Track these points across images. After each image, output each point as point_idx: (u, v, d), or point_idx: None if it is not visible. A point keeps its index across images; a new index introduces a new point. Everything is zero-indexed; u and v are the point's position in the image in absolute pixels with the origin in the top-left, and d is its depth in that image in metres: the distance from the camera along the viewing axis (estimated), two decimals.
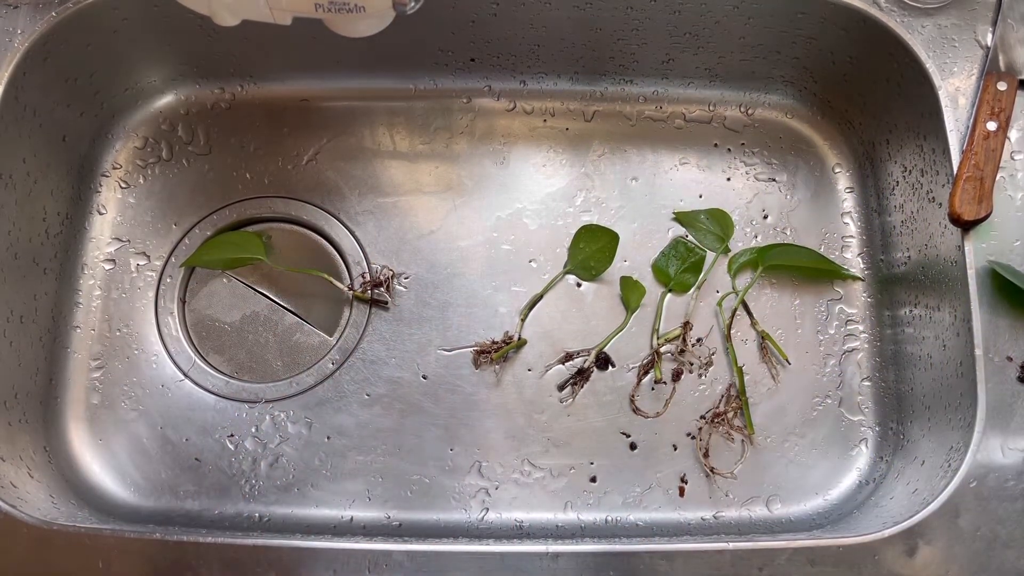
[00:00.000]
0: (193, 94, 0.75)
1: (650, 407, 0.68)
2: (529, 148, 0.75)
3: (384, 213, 0.73)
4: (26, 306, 0.64)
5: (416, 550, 0.54)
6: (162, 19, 0.67)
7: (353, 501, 0.65)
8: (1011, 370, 0.58)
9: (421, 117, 0.76)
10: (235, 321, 0.70)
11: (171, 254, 0.71)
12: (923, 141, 0.64)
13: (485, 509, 0.66)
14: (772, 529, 0.65)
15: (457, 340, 0.70)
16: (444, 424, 0.67)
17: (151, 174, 0.73)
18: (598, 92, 0.76)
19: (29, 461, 0.61)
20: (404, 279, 0.71)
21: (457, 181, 0.74)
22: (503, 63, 0.74)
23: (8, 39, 0.62)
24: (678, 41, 0.71)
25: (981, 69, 0.63)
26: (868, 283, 0.72)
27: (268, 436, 0.67)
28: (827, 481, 0.66)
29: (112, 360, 0.69)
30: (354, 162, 0.74)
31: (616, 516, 0.66)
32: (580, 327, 0.70)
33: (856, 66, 0.69)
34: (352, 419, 0.67)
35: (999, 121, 0.60)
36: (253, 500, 0.65)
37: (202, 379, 0.68)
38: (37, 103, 0.64)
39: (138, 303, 0.70)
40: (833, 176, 0.75)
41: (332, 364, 0.69)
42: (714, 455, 0.67)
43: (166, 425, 0.67)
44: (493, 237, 0.72)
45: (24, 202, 0.64)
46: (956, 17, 0.65)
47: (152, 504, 0.65)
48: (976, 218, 0.59)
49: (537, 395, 0.68)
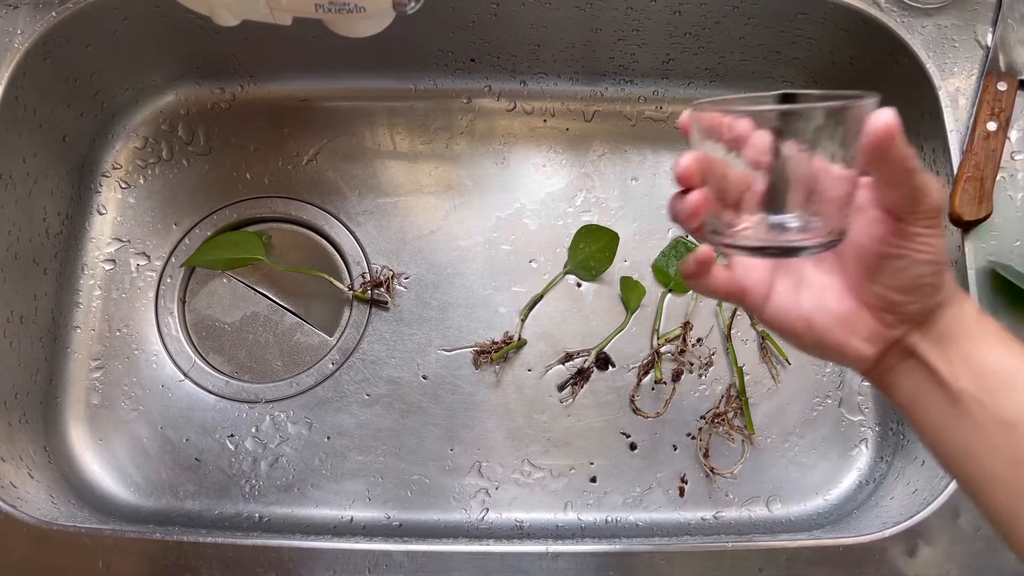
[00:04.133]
0: (193, 94, 0.75)
1: (650, 407, 0.68)
2: (529, 148, 0.75)
3: (384, 213, 0.73)
4: (26, 306, 0.64)
5: (416, 550, 0.54)
6: (162, 19, 0.67)
7: (353, 501, 0.65)
8: None
9: (421, 117, 0.76)
10: (235, 321, 0.70)
11: (171, 254, 0.71)
12: (923, 141, 0.64)
13: (485, 509, 0.66)
14: (772, 529, 0.65)
15: (457, 340, 0.70)
16: (444, 424, 0.67)
17: (151, 174, 0.73)
18: (598, 92, 0.76)
19: (29, 461, 0.61)
20: (404, 279, 0.71)
21: (457, 181, 0.74)
22: (503, 63, 0.74)
23: (8, 39, 0.62)
24: (678, 41, 0.71)
25: (981, 69, 0.63)
26: None
27: (268, 436, 0.67)
28: (827, 481, 0.66)
29: (112, 360, 0.69)
30: (354, 162, 0.74)
31: (616, 516, 0.66)
32: (580, 327, 0.70)
33: (856, 66, 0.69)
34: (352, 419, 0.67)
35: (999, 121, 0.60)
36: (253, 500, 0.65)
37: (202, 379, 0.68)
38: (37, 103, 0.64)
39: (138, 303, 0.70)
40: None
41: (332, 364, 0.69)
42: (714, 455, 0.67)
43: (166, 425, 0.67)
44: (493, 237, 0.72)
45: (24, 202, 0.64)
46: (956, 17, 0.65)
47: (152, 504, 0.65)
48: (976, 218, 0.59)
49: (537, 395, 0.68)
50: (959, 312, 0.35)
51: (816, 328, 0.36)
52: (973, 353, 0.34)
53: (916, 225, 0.33)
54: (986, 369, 0.34)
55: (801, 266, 0.38)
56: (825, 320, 0.36)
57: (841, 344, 0.36)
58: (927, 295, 0.34)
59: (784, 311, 0.37)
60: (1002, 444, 0.33)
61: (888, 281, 0.34)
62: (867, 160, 0.32)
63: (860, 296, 0.36)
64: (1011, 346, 0.35)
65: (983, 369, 0.34)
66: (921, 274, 0.34)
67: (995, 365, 0.34)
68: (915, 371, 0.36)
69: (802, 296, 0.37)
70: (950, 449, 0.35)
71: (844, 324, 0.36)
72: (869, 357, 0.36)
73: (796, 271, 0.38)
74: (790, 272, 0.38)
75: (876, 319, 0.36)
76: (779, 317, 0.37)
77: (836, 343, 0.36)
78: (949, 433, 0.35)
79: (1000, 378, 0.33)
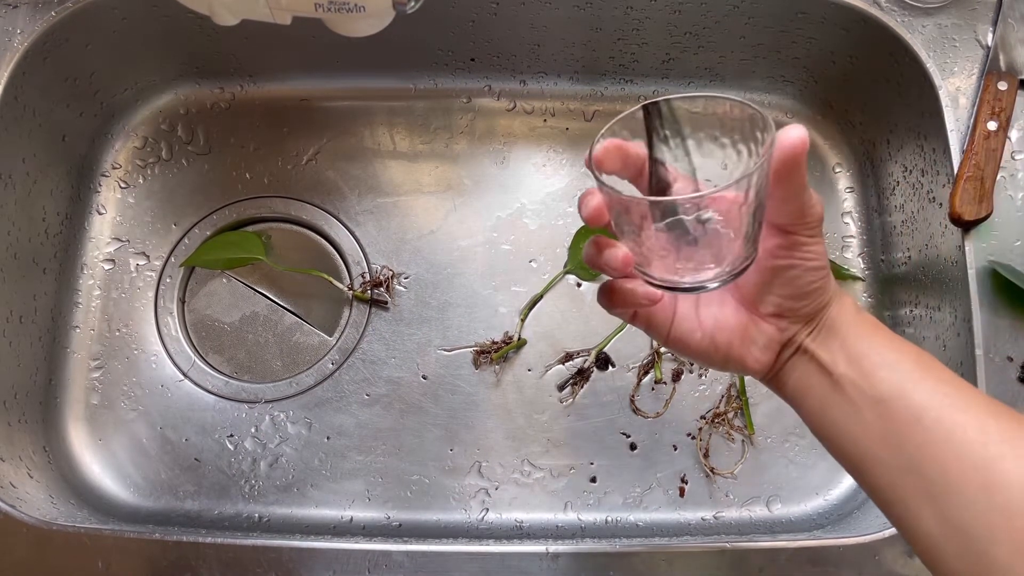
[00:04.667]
0: (193, 94, 0.75)
1: (650, 407, 0.68)
2: (529, 148, 0.75)
3: (384, 213, 0.73)
4: (26, 306, 0.64)
5: (416, 550, 0.54)
6: (162, 19, 0.67)
7: (353, 501, 0.65)
8: (1011, 370, 0.57)
9: (421, 117, 0.75)
10: (235, 321, 0.70)
11: (171, 254, 0.71)
12: (923, 141, 0.64)
13: (485, 509, 0.66)
14: (772, 529, 0.65)
15: (457, 340, 0.69)
16: (444, 424, 0.67)
17: (151, 174, 0.73)
18: (598, 92, 0.76)
19: (29, 461, 0.61)
20: (404, 279, 0.71)
21: (457, 181, 0.74)
22: (503, 63, 0.74)
23: (8, 39, 0.62)
24: (678, 41, 0.71)
25: (981, 69, 0.63)
26: (868, 283, 0.72)
27: (268, 436, 0.67)
28: (827, 481, 0.66)
29: (112, 360, 0.69)
30: (354, 162, 0.74)
31: (616, 516, 0.66)
32: (580, 327, 0.70)
33: (856, 66, 0.69)
34: (352, 419, 0.67)
35: (999, 121, 0.60)
36: (253, 500, 0.65)
37: (202, 379, 0.68)
38: (37, 103, 0.64)
39: (138, 303, 0.70)
40: (833, 176, 0.75)
41: (332, 364, 0.69)
42: (714, 455, 0.67)
43: (166, 425, 0.67)
44: (493, 237, 0.72)
45: (24, 202, 0.64)
46: (956, 17, 0.65)
47: (152, 504, 0.65)
48: (976, 218, 0.58)
49: (537, 395, 0.68)
50: (840, 308, 0.38)
51: (719, 344, 0.39)
52: (851, 342, 0.37)
53: (803, 235, 0.36)
54: (861, 355, 0.37)
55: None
56: (726, 335, 0.39)
57: (743, 356, 0.39)
58: (816, 297, 0.37)
59: (689, 333, 0.39)
60: (874, 421, 0.36)
61: (782, 290, 0.37)
62: (777, 177, 0.33)
63: (755, 307, 0.39)
64: (885, 335, 0.38)
65: (859, 355, 0.37)
66: (811, 280, 0.37)
67: (869, 351, 0.37)
68: (801, 363, 0.39)
69: (702, 315, 0.39)
70: (832, 432, 0.38)
71: (744, 336, 0.39)
72: (768, 363, 0.39)
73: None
74: (689, 295, 0.40)
75: (772, 326, 0.38)
76: (684, 339, 0.39)
77: (738, 356, 0.39)
78: (831, 415, 0.38)
79: (872, 361, 0.36)
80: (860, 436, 0.36)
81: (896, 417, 0.35)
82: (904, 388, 0.35)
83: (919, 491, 0.34)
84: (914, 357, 0.37)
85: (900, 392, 0.35)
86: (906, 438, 0.34)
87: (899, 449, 0.35)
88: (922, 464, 0.34)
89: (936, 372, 0.36)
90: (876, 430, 0.36)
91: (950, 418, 0.34)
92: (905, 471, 0.34)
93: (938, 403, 0.34)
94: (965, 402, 0.35)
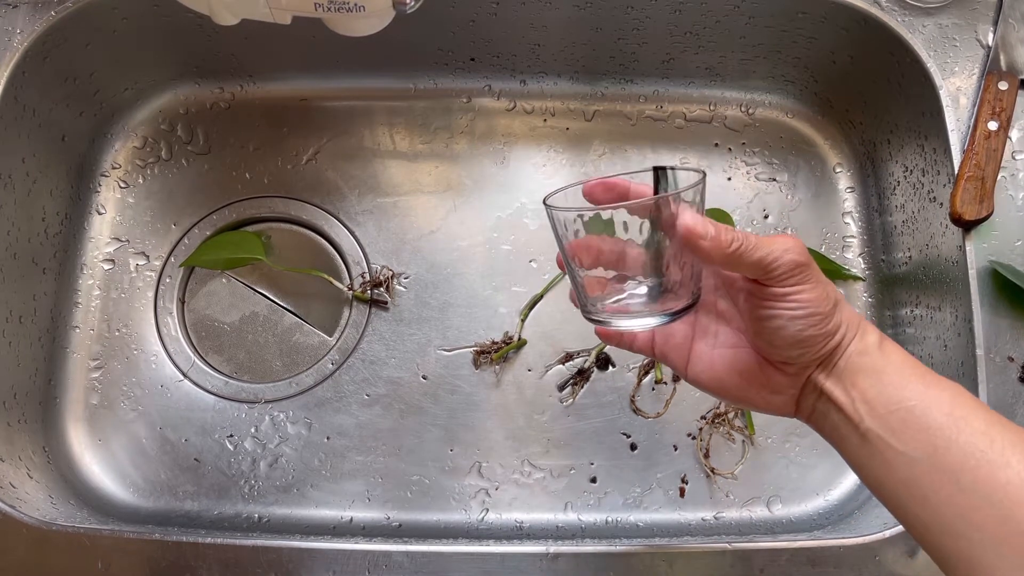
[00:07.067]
0: (193, 94, 0.75)
1: (650, 407, 0.68)
2: (529, 148, 0.75)
3: (384, 213, 0.73)
4: (25, 306, 0.64)
5: (416, 551, 0.54)
6: (162, 19, 0.67)
7: (353, 502, 0.65)
8: (1012, 371, 0.57)
9: (421, 117, 0.75)
10: (234, 321, 0.70)
11: (170, 254, 0.71)
12: (924, 141, 0.64)
13: (485, 510, 0.65)
14: (773, 529, 0.65)
15: (457, 340, 0.69)
16: (444, 424, 0.67)
17: (150, 174, 0.73)
18: (598, 92, 0.76)
19: (28, 461, 0.61)
20: (404, 279, 0.71)
21: (457, 181, 0.74)
22: (503, 63, 0.74)
23: (8, 39, 0.62)
24: (678, 41, 0.71)
25: (982, 69, 0.63)
26: (869, 283, 0.72)
27: (268, 436, 0.67)
28: (828, 481, 0.66)
29: (111, 360, 0.68)
30: (354, 162, 0.74)
31: (616, 517, 0.65)
32: (580, 327, 0.70)
33: (857, 66, 0.69)
34: (352, 419, 0.67)
35: (1000, 121, 0.60)
36: (252, 501, 0.65)
37: (201, 379, 0.68)
38: (37, 103, 0.64)
39: (137, 303, 0.70)
40: (834, 176, 0.75)
41: (332, 364, 0.69)
42: (715, 455, 0.67)
43: (165, 425, 0.67)
44: (493, 237, 0.72)
45: (23, 202, 0.64)
46: (957, 16, 0.65)
47: (151, 504, 0.65)
48: (977, 218, 0.58)
49: (537, 395, 0.68)
50: (861, 345, 0.36)
51: (730, 387, 0.38)
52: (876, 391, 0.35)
53: (780, 287, 0.34)
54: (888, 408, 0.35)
55: (716, 327, 0.40)
56: (736, 380, 0.38)
57: (754, 399, 0.38)
58: (814, 345, 0.36)
59: (703, 372, 0.39)
60: (910, 479, 0.34)
61: (772, 339, 0.36)
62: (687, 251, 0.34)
63: (762, 352, 0.38)
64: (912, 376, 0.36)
65: (886, 407, 0.35)
66: (800, 328, 0.35)
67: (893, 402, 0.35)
68: (830, 411, 0.37)
69: (715, 356, 0.39)
70: (870, 482, 0.37)
71: (753, 381, 0.38)
72: (787, 404, 0.38)
73: (712, 332, 0.40)
74: (707, 334, 0.40)
75: (779, 371, 0.38)
76: (698, 379, 0.40)
77: (754, 398, 0.38)
78: (867, 469, 0.36)
79: (900, 417, 0.34)
80: (897, 491, 0.35)
81: (931, 481, 0.33)
82: (936, 447, 0.34)
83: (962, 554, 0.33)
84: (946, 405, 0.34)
85: (932, 451, 0.34)
86: (944, 501, 0.33)
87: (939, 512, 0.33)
88: (968, 531, 0.33)
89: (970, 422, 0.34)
90: (914, 489, 0.34)
91: (990, 477, 0.32)
92: (952, 536, 0.33)
93: (974, 463, 0.33)
94: (1004, 457, 0.33)
